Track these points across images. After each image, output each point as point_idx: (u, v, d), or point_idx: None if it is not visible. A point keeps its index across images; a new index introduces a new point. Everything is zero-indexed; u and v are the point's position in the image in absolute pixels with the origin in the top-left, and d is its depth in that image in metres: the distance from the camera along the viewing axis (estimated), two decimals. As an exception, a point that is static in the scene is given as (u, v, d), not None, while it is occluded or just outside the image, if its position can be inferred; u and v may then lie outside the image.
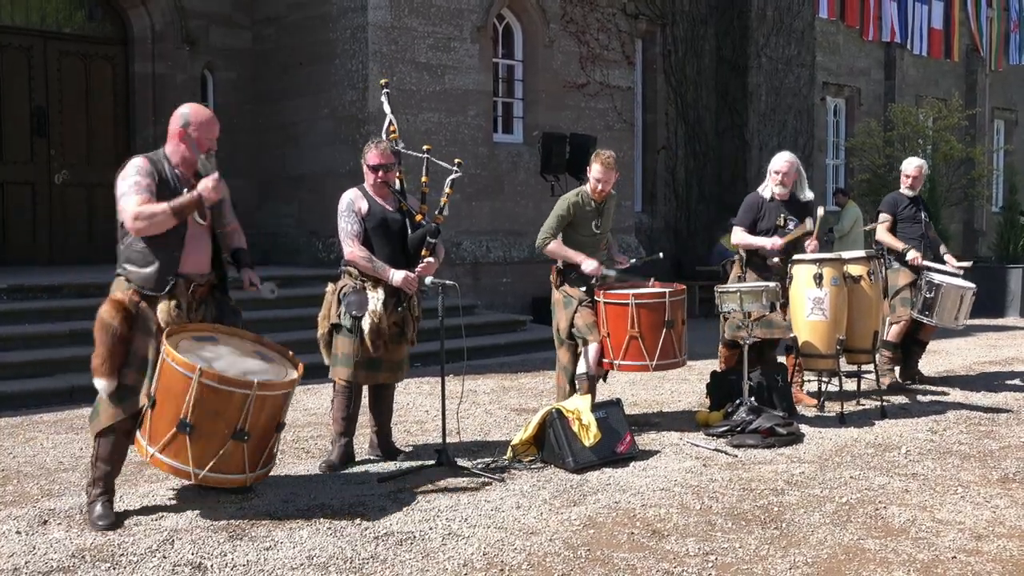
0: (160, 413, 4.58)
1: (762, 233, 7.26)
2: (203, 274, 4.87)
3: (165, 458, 4.61)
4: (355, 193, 5.71)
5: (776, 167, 7.32)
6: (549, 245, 6.63)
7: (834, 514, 4.88)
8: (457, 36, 12.14)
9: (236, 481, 4.78)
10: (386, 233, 5.67)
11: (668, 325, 6.46)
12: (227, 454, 4.62)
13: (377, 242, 5.64)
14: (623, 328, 6.44)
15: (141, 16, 11.93)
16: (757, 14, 16.36)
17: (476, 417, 7.18)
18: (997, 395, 8.20)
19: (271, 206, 12.40)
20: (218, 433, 4.59)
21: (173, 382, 4.53)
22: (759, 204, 7.33)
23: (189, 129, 4.79)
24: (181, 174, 4.80)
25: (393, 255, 5.65)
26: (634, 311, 6.41)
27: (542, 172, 12.69)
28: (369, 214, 5.65)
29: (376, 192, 5.73)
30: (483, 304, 11.89)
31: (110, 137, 11.78)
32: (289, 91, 12.27)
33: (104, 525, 4.58)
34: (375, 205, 5.69)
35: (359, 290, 5.57)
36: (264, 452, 4.82)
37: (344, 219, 5.64)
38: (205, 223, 4.85)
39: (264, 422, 4.72)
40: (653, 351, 6.47)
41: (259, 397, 4.61)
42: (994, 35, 22.90)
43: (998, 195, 22.41)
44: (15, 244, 11.17)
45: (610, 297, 6.51)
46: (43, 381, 7.72)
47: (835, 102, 19.85)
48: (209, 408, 4.54)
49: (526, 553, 4.30)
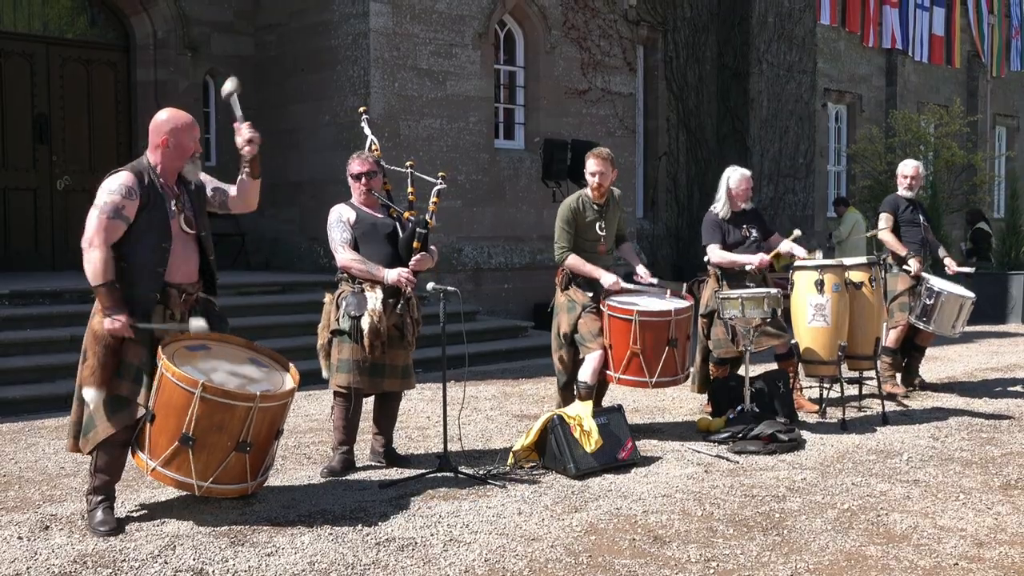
0: (161, 427, 4.57)
1: (732, 247, 7.22)
2: (192, 283, 4.86)
3: (168, 472, 4.61)
4: (342, 207, 5.81)
5: (736, 185, 7.25)
6: (569, 260, 6.52)
7: (836, 520, 4.87)
8: (459, 42, 12.16)
9: (239, 491, 4.81)
10: (376, 238, 5.73)
11: (671, 344, 6.41)
12: (230, 465, 4.64)
13: (368, 248, 5.70)
14: (625, 343, 6.36)
15: (143, 22, 11.95)
16: (758, 20, 16.38)
17: (477, 423, 7.17)
18: (999, 402, 8.19)
19: (272, 212, 12.40)
20: (221, 446, 4.59)
21: (174, 397, 4.52)
22: (721, 222, 7.28)
23: (172, 137, 4.73)
24: (164, 182, 4.76)
25: (386, 259, 5.70)
26: (637, 328, 6.32)
27: (543, 178, 12.69)
28: (357, 222, 5.73)
29: (363, 202, 5.82)
30: (484, 310, 11.89)
31: (112, 143, 11.79)
32: (291, 98, 12.28)
33: (105, 531, 4.58)
34: (363, 214, 5.78)
35: (357, 292, 5.62)
36: (264, 460, 4.84)
37: (333, 229, 5.73)
38: (192, 231, 4.83)
39: (265, 432, 4.74)
40: (654, 368, 6.41)
41: (261, 409, 4.62)
42: (995, 42, 22.92)
43: (1000, 202, 22.40)
44: (17, 250, 11.19)
45: (614, 310, 6.40)
46: (45, 387, 7.73)
47: (836, 108, 19.86)
48: (212, 422, 4.54)
49: (527, 559, 4.29)
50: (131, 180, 4.64)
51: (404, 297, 5.69)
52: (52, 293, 9.10)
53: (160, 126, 4.75)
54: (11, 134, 11.19)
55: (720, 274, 7.23)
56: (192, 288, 4.84)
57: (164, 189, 4.75)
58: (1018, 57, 23.71)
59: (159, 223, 4.67)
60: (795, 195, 16.79)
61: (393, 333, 5.67)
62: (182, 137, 4.75)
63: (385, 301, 5.62)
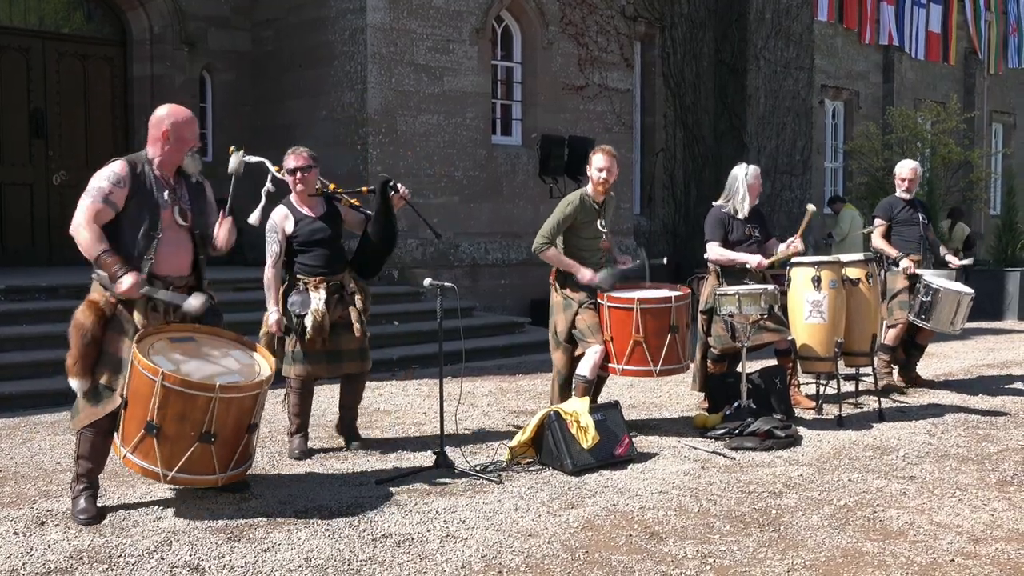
0: (131, 415, 4.65)
1: (734, 245, 7.21)
2: (182, 276, 4.88)
3: (136, 459, 4.67)
4: (281, 213, 5.96)
5: (753, 183, 7.26)
6: (547, 251, 6.55)
7: (832, 517, 4.87)
8: (456, 38, 12.15)
9: (207, 481, 4.83)
10: (312, 243, 5.92)
11: (673, 330, 6.44)
12: (195, 456, 4.66)
13: (305, 256, 5.93)
14: (627, 333, 6.39)
15: (140, 17, 11.93)
16: (756, 17, 16.37)
17: (474, 419, 7.17)
18: (995, 398, 8.20)
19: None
20: (184, 435, 4.63)
21: (140, 385, 4.58)
22: (725, 218, 7.27)
23: (172, 130, 4.79)
24: (161, 175, 4.81)
25: (324, 262, 5.92)
26: (639, 316, 6.37)
27: (541, 174, 12.69)
28: (295, 233, 5.91)
29: (301, 201, 5.98)
30: (481, 306, 11.88)
31: (108, 138, 11.77)
32: (287, 93, 12.26)
33: (85, 519, 4.64)
34: (302, 218, 5.94)
35: (302, 291, 5.88)
36: (236, 453, 4.83)
37: (267, 239, 5.94)
38: (186, 224, 4.86)
39: (232, 423, 4.75)
40: (657, 356, 6.43)
41: (223, 400, 4.64)
42: (993, 38, 22.93)
43: (996, 198, 22.42)
44: (13, 245, 11.17)
45: (614, 301, 6.44)
46: (41, 382, 7.71)
47: (834, 105, 19.86)
48: (174, 411, 4.59)
49: (524, 555, 4.29)
50: (123, 168, 4.72)
51: (347, 292, 5.96)
52: (48, 288, 9.09)
53: (160, 120, 4.83)
54: (7, 129, 11.17)
55: (720, 271, 7.23)
56: (181, 281, 4.87)
57: (159, 180, 4.79)
58: (1015, 54, 23.72)
59: (150, 212, 4.73)
60: (792, 192, 16.78)
61: (342, 323, 5.91)
62: (182, 131, 4.82)
63: (328, 298, 5.87)
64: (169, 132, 4.79)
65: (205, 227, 5.00)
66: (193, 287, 4.92)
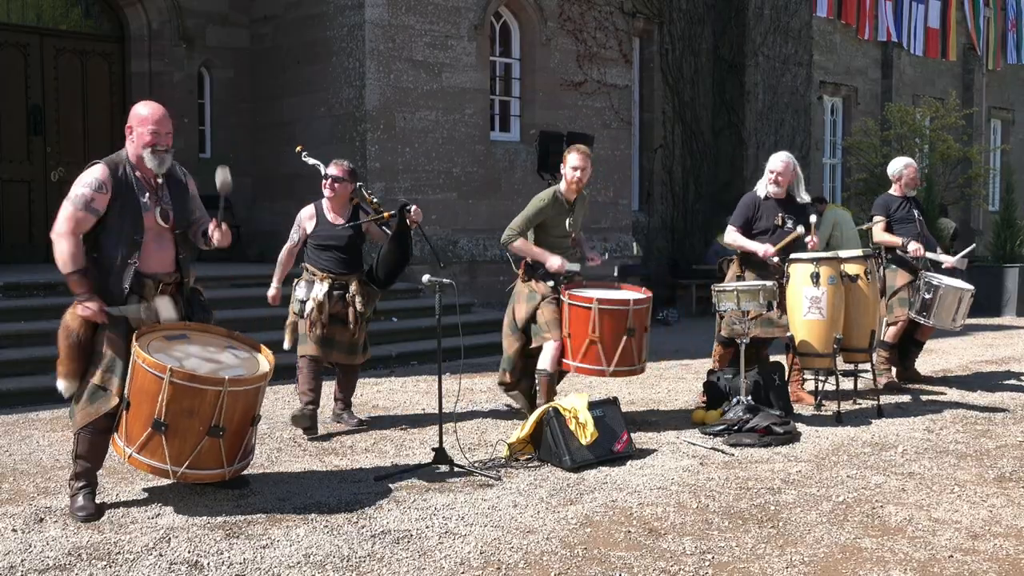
0: (135, 414, 4.64)
1: (760, 233, 7.25)
2: (168, 272, 4.90)
3: (143, 458, 4.67)
4: (308, 212, 6.61)
5: (772, 166, 7.35)
6: (515, 243, 6.70)
7: (831, 513, 4.88)
8: (454, 34, 12.13)
9: (215, 476, 4.84)
10: (328, 248, 6.51)
11: (629, 333, 6.49)
12: (204, 450, 4.68)
13: (319, 253, 6.53)
14: (584, 331, 6.46)
15: (138, 14, 11.91)
16: (754, 13, 16.36)
17: (473, 416, 7.17)
18: (993, 394, 8.21)
19: (267, 204, 12.38)
20: (193, 431, 4.64)
21: (145, 383, 4.58)
22: (756, 203, 7.34)
23: (135, 126, 4.77)
24: (141, 176, 4.80)
25: (333, 264, 6.50)
26: (596, 316, 6.43)
27: (539, 171, 12.64)
28: (314, 234, 6.54)
29: (331, 205, 6.58)
30: (480, 303, 11.88)
31: (106, 135, 11.73)
32: (286, 89, 12.25)
33: (83, 516, 4.64)
34: (324, 222, 6.54)
35: (309, 281, 6.48)
36: (241, 446, 4.86)
37: (293, 226, 6.62)
38: (168, 225, 4.85)
39: (239, 416, 4.77)
40: (611, 357, 6.49)
41: (231, 393, 4.66)
42: (991, 34, 22.91)
43: (995, 194, 22.43)
44: (11, 242, 11.17)
45: (575, 299, 6.52)
46: (39, 379, 7.68)
47: (832, 101, 19.85)
48: (183, 407, 4.59)
49: (523, 552, 4.30)
50: (104, 173, 4.70)
51: (349, 293, 6.47)
52: (46, 285, 9.07)
53: (128, 118, 4.85)
54: (5, 126, 11.15)
55: (741, 258, 7.29)
56: (168, 278, 4.88)
57: (140, 181, 4.79)
58: (1014, 50, 23.70)
59: (132, 215, 4.72)
60: (790, 188, 16.78)
61: (339, 316, 6.44)
62: (139, 127, 4.77)
63: (330, 292, 6.41)
64: (132, 128, 4.79)
65: (188, 226, 5.00)
66: (179, 283, 4.95)
